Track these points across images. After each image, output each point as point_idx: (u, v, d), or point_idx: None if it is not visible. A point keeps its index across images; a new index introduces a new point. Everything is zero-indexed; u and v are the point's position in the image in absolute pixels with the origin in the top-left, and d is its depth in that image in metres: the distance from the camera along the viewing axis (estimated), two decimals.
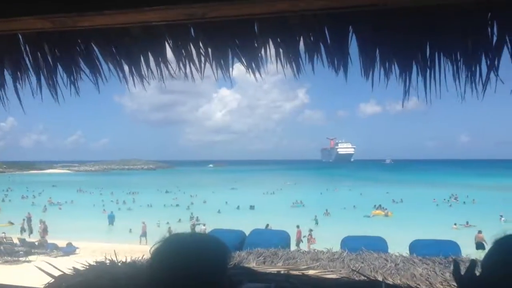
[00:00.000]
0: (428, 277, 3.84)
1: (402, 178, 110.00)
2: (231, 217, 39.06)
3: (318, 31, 2.90)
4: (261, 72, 3.25)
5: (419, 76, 2.97)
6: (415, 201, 53.84)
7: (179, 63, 3.29)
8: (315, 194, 66.54)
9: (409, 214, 42.23)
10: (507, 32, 2.67)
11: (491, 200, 52.40)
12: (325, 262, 4.50)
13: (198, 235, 1.55)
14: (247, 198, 55.38)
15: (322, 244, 6.63)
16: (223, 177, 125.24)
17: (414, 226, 31.48)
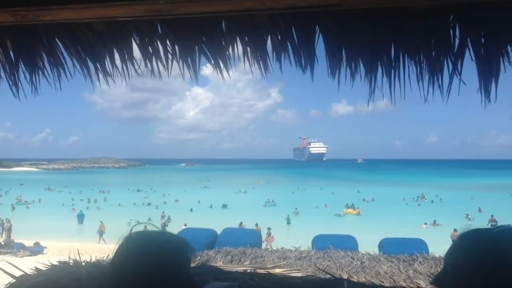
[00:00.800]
0: (392, 274, 3.91)
1: (373, 177, 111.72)
2: (203, 216, 38.87)
3: (285, 30, 2.92)
4: (228, 71, 3.24)
5: (384, 77, 3.02)
6: (386, 200, 54.66)
7: (146, 60, 3.25)
8: (287, 193, 66.80)
9: (380, 213, 42.87)
10: (469, 35, 2.74)
11: (458, 199, 53.69)
12: (292, 260, 4.52)
13: (159, 233, 1.53)
14: (220, 197, 55.19)
15: (293, 243, 6.66)
16: (195, 175, 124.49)
17: (384, 225, 32.01)
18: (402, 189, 68.19)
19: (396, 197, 58.16)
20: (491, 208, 40.36)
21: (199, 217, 36.96)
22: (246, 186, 76.21)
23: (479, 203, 47.85)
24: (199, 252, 4.85)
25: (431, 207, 49.79)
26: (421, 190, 63.81)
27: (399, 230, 23.15)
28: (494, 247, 1.09)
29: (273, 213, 42.41)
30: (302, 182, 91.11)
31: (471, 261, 1.11)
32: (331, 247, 5.45)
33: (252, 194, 66.48)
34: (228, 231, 11.97)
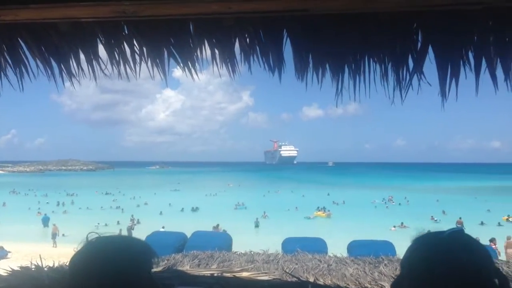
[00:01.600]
0: (358, 277, 3.96)
1: (343, 180, 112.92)
2: (173, 219, 38.49)
3: (253, 33, 2.93)
4: (197, 73, 3.23)
5: (351, 79, 3.07)
6: (356, 202, 55.29)
7: (113, 61, 3.20)
8: (258, 196, 66.88)
9: (350, 215, 43.34)
10: (431, 39, 2.81)
11: (424, 202, 54.85)
12: (260, 264, 4.52)
13: (120, 238, 1.50)
14: (190, 200, 54.76)
15: (262, 246, 6.66)
16: (165, 178, 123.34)
17: (354, 227, 32.37)
18: (371, 192, 69.19)
19: (365, 199, 58.93)
20: (456, 211, 41.41)
21: (169, 220, 36.53)
22: (216, 189, 75.95)
23: (445, 205, 49.00)
24: (166, 256, 4.80)
25: (399, 209, 50.66)
26: (389, 193, 64.88)
27: (368, 232, 23.44)
28: (445, 250, 1.11)
29: (243, 216, 42.36)
30: (273, 185, 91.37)
31: (423, 264, 1.13)
32: (299, 250, 5.48)
33: (223, 197, 66.23)
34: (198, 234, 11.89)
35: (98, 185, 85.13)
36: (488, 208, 47.28)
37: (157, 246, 5.19)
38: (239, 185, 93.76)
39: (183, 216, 44.16)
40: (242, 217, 41.35)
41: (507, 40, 2.76)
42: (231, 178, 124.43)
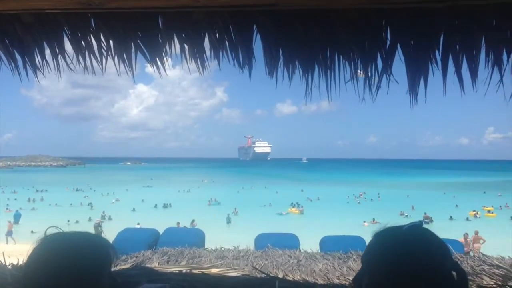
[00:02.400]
0: (327, 272, 3.99)
1: (316, 176, 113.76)
2: (146, 216, 38.10)
3: (223, 28, 2.90)
4: (167, 68, 3.19)
5: (321, 76, 3.08)
6: (329, 198, 55.71)
7: (78, 55, 3.12)
8: (232, 192, 66.75)
9: (323, 211, 43.66)
10: (399, 37, 2.84)
11: (395, 198, 55.76)
12: (230, 260, 4.51)
13: (77, 234, 1.45)
14: (163, 196, 54.26)
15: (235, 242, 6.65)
16: (138, 174, 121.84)
17: (327, 223, 32.62)
18: (344, 188, 69.82)
19: (338, 195, 59.48)
20: (425, 206, 42.28)
21: (142, 217, 36.15)
22: (190, 185, 75.44)
23: (414, 201, 49.92)
24: (135, 253, 4.74)
25: (371, 205, 51.33)
26: (362, 189, 65.77)
27: (341, 228, 23.69)
28: (402, 245, 1.12)
29: (216, 212, 42.26)
30: (246, 181, 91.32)
31: (381, 259, 1.14)
32: (269, 246, 5.49)
33: (197, 193, 65.83)
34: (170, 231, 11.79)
35: (69, 181, 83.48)
36: (457, 203, 48.46)
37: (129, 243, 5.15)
38: (213, 181, 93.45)
39: (156, 213, 43.73)
40: (216, 213, 41.25)
41: (472, 39, 2.82)
42: (205, 174, 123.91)
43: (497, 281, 3.60)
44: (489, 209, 44.75)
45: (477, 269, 3.99)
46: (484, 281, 3.62)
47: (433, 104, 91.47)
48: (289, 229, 12.75)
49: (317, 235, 8.21)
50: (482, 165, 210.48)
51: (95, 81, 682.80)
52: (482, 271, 3.92)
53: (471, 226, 27.14)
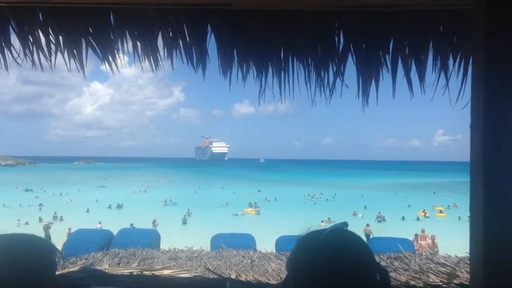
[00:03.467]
0: (280, 272, 4.01)
1: (273, 177, 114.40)
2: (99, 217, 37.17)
3: (177, 27, 2.87)
4: (119, 66, 3.12)
5: (275, 78, 3.09)
6: (286, 199, 56.13)
7: (26, 50, 3.01)
8: (188, 192, 66.17)
9: (280, 211, 43.91)
10: (352, 40, 2.89)
11: (350, 198, 56.91)
12: (183, 261, 4.47)
13: (17, 236, 1.39)
14: (118, 197, 53.08)
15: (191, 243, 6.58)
16: (92, 174, 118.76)
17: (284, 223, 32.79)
18: (301, 188, 70.52)
19: (295, 196, 60.08)
20: (379, 206, 43.36)
21: (95, 218, 35.25)
22: (146, 185, 74.23)
23: (368, 201, 51.14)
24: (85, 255, 4.62)
25: (327, 205, 52.17)
26: (318, 189, 66.68)
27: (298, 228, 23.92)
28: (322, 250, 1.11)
29: (172, 213, 41.73)
30: (204, 181, 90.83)
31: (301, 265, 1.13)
32: (223, 246, 5.48)
33: (153, 193, 64.85)
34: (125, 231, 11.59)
35: (19, 181, 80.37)
36: (409, 203, 49.93)
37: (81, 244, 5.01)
38: (170, 182, 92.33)
39: (110, 213, 42.76)
40: (172, 214, 40.71)
41: (421, 43, 2.91)
42: (162, 174, 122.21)
43: (443, 279, 3.73)
44: (440, 209, 46.35)
45: (424, 267, 4.12)
46: (430, 279, 3.74)
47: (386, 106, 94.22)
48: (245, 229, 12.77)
49: (274, 235, 8.26)
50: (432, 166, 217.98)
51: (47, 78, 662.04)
52: (429, 269, 4.05)
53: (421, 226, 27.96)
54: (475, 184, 2.00)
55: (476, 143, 2.03)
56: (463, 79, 2.88)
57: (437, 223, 37.13)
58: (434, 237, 21.04)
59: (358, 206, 45.63)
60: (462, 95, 2.79)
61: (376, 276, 1.10)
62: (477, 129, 2.03)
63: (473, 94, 2.21)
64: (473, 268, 2.09)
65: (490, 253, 1.92)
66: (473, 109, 2.15)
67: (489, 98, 1.96)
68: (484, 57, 2.05)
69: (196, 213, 42.67)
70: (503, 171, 1.90)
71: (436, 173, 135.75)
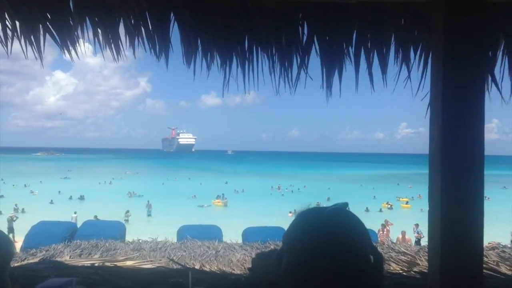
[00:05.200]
0: (244, 262, 4.04)
1: (241, 168, 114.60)
2: (62, 208, 36.37)
3: (139, 14, 2.81)
4: (77, 53, 3.04)
5: (239, 68, 3.09)
6: (253, 190, 56.33)
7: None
8: (154, 184, 65.52)
9: (248, 203, 44.05)
10: (315, 32, 2.91)
11: (317, 189, 57.62)
12: (147, 252, 4.44)
13: None
14: (81, 188, 52.00)
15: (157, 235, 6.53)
16: (54, 165, 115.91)
17: (251, 214, 32.98)
18: (268, 180, 70.93)
19: (262, 187, 60.35)
20: (343, 197, 44.02)
21: (58, 210, 34.50)
22: (112, 177, 73.02)
23: (334, 192, 51.93)
24: (45, 247, 4.52)
25: (293, 197, 52.65)
26: (285, 181, 67.25)
27: (265, 219, 24.06)
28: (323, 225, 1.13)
29: (138, 204, 41.20)
30: (170, 172, 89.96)
31: (300, 238, 1.14)
32: (188, 237, 5.47)
33: (118, 185, 63.86)
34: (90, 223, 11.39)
35: None
36: (374, 195, 50.96)
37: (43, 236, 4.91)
38: (137, 173, 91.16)
39: (73, 205, 41.86)
40: (138, 206, 40.21)
41: (383, 36, 2.95)
42: (128, 165, 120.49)
43: (403, 267, 3.84)
44: (405, 200, 47.44)
45: (385, 256, 4.22)
46: (391, 267, 3.84)
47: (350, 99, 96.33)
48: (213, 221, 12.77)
49: (241, 227, 8.30)
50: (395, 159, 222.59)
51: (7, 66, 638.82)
52: (390, 257, 4.16)
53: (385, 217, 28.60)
54: (433, 175, 2.05)
55: (435, 135, 2.08)
56: (423, 72, 2.95)
57: (402, 214, 38.04)
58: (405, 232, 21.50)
59: (324, 198, 46.32)
60: (423, 88, 2.85)
61: (370, 258, 1.13)
62: (436, 122, 2.08)
63: (432, 87, 2.26)
64: (431, 256, 2.15)
65: (446, 242, 1.98)
66: (432, 101, 2.20)
67: (447, 91, 2.01)
68: (443, 50, 2.10)
69: (163, 204, 42.27)
70: (460, 163, 1.95)
71: (399, 165, 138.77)
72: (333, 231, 1.11)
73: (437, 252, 2.03)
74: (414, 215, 36.11)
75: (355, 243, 1.12)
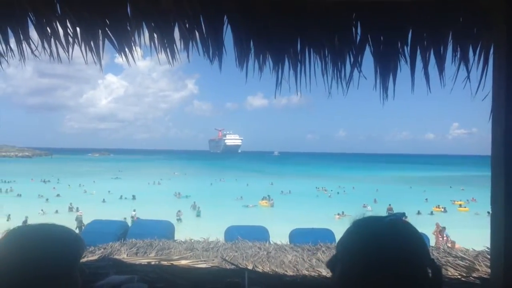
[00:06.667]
0: (296, 263, 4.03)
1: (287, 169, 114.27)
2: (113, 207, 37.58)
3: (193, 18, 2.86)
4: (136, 58, 3.13)
5: (291, 70, 3.08)
6: (300, 192, 55.99)
7: (44, 41, 3.03)
8: (202, 184, 66.45)
9: (293, 204, 43.92)
10: (369, 32, 2.87)
11: (364, 191, 56.61)
12: (199, 252, 4.51)
13: (44, 226, 1.42)
14: (132, 188, 53.44)
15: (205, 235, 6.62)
16: (106, 166, 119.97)
17: (298, 216, 32.75)
18: (314, 181, 70.42)
19: (308, 189, 59.97)
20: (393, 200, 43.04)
21: (110, 209, 35.68)
22: (160, 177, 74.70)
23: (383, 195, 50.88)
24: (103, 245, 4.68)
25: (340, 198, 52.03)
26: (331, 183, 66.50)
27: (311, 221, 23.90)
28: (381, 236, 1.11)
29: (186, 205, 41.94)
30: (218, 173, 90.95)
31: (357, 247, 1.13)
32: (239, 238, 5.51)
33: (166, 185, 65.27)
34: (140, 222, 11.70)
35: (35, 172, 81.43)
36: (426, 197, 49.41)
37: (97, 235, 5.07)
38: (185, 174, 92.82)
39: (124, 204, 43.09)
40: (185, 206, 40.92)
41: (440, 34, 2.87)
42: (176, 166, 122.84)
43: (461, 273, 3.71)
44: (460, 203, 45.73)
45: (442, 261, 4.10)
46: (449, 272, 3.73)
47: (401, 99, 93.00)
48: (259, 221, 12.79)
49: (287, 228, 8.28)
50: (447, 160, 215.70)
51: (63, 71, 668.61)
52: (447, 262, 4.03)
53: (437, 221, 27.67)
54: (496, 178, 1.97)
55: (497, 136, 2.00)
56: (483, 71, 2.84)
57: (459, 217, 36.45)
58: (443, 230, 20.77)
59: (371, 200, 45.45)
60: (483, 87, 2.75)
61: (428, 271, 1.10)
62: (498, 121, 2.00)
63: (495, 86, 2.17)
64: (493, 262, 2.07)
65: (510, 247, 1.90)
66: (495, 101, 2.12)
67: (511, 89, 1.93)
68: (506, 48, 2.02)
69: (211, 205, 42.78)
70: None
71: (451, 167, 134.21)
72: (392, 242, 1.09)
73: (500, 258, 1.95)
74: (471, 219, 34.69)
75: (412, 255, 1.10)
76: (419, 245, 1.12)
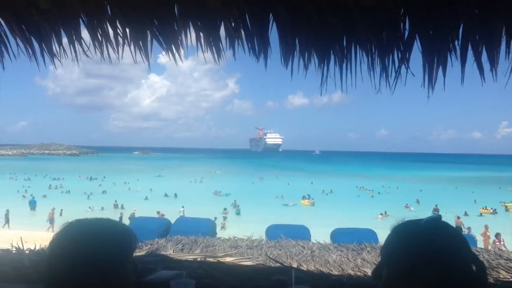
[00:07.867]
0: (341, 263, 3.99)
1: (328, 168, 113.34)
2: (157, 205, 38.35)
3: (239, 16, 2.88)
4: (181, 57, 3.18)
5: (337, 67, 3.04)
6: (342, 191, 55.42)
7: (95, 42, 3.13)
8: (244, 183, 66.90)
9: (335, 203, 43.45)
10: (418, 27, 2.79)
11: (408, 191, 55.39)
12: (244, 249, 4.54)
13: (100, 221, 1.47)
14: (174, 186, 54.39)
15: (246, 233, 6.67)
16: (149, 164, 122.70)
17: (339, 215, 32.44)
18: (356, 181, 69.48)
19: (350, 188, 59.28)
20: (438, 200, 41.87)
21: (153, 206, 36.41)
22: (201, 176, 75.67)
23: (426, 195, 49.64)
24: (150, 241, 4.79)
25: (382, 198, 51.14)
26: (373, 182, 65.48)
27: (352, 220, 23.59)
28: (421, 238, 1.15)
29: (227, 203, 42.27)
30: (259, 172, 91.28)
31: (400, 252, 1.16)
32: (282, 236, 5.51)
33: (208, 183, 66.05)
34: (182, 220, 11.91)
35: (82, 170, 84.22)
36: (474, 198, 47.73)
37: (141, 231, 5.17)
38: (227, 172, 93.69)
39: (166, 202, 43.90)
40: (226, 204, 41.26)
41: (492, 29, 2.76)
42: (218, 164, 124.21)
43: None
44: (510, 205, 43.97)
45: (493, 263, 3.97)
46: (500, 275, 3.60)
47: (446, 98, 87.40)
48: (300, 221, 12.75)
49: (328, 228, 8.21)
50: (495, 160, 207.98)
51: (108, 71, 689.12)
52: (499, 265, 3.89)
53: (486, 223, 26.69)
54: None
55: None
56: None
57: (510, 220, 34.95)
58: None
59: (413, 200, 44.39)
60: None
61: (473, 268, 1.11)
62: None
63: None
64: None
65: None
66: None
67: None
68: None
69: (252, 203, 42.97)
70: None
71: (500, 167, 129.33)
72: (431, 243, 1.11)
73: None
74: None
75: (453, 252, 1.11)
76: (459, 242, 1.14)
